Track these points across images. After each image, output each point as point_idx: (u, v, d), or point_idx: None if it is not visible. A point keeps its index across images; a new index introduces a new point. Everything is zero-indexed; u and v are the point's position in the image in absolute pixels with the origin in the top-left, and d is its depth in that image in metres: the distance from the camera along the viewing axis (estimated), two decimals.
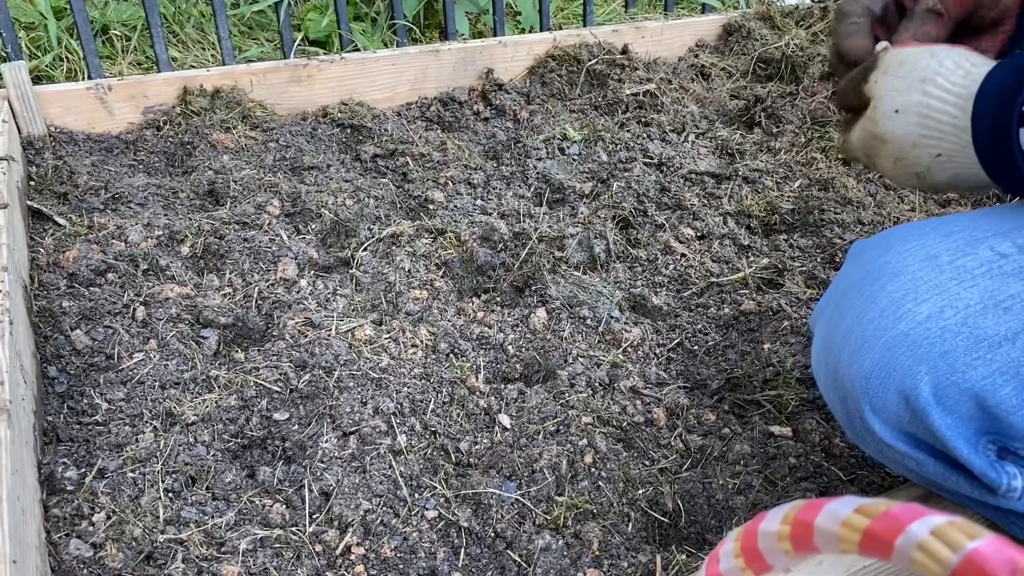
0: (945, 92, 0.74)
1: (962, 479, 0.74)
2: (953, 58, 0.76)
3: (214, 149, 1.56)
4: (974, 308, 0.70)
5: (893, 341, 0.71)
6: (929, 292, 0.72)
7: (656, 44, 2.09)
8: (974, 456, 0.70)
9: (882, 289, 0.74)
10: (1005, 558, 0.34)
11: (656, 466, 1.00)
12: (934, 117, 0.75)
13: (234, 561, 0.84)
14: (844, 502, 0.41)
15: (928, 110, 0.75)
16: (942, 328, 0.70)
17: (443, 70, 1.88)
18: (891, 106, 0.78)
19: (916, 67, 0.77)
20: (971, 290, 0.71)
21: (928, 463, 0.74)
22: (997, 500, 0.73)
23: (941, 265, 0.73)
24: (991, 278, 0.71)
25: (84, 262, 1.18)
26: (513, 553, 0.88)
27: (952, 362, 0.69)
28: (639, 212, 1.46)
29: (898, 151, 0.79)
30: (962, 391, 0.69)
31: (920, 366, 0.69)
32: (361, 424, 0.99)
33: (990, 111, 0.70)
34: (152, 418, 0.98)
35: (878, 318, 0.73)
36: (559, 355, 1.14)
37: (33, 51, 2.05)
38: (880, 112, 0.79)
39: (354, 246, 1.31)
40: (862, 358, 0.73)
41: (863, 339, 0.73)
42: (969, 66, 0.74)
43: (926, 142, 0.77)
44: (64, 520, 0.86)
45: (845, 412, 0.77)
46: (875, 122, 0.80)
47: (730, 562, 0.47)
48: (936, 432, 0.70)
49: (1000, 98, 0.69)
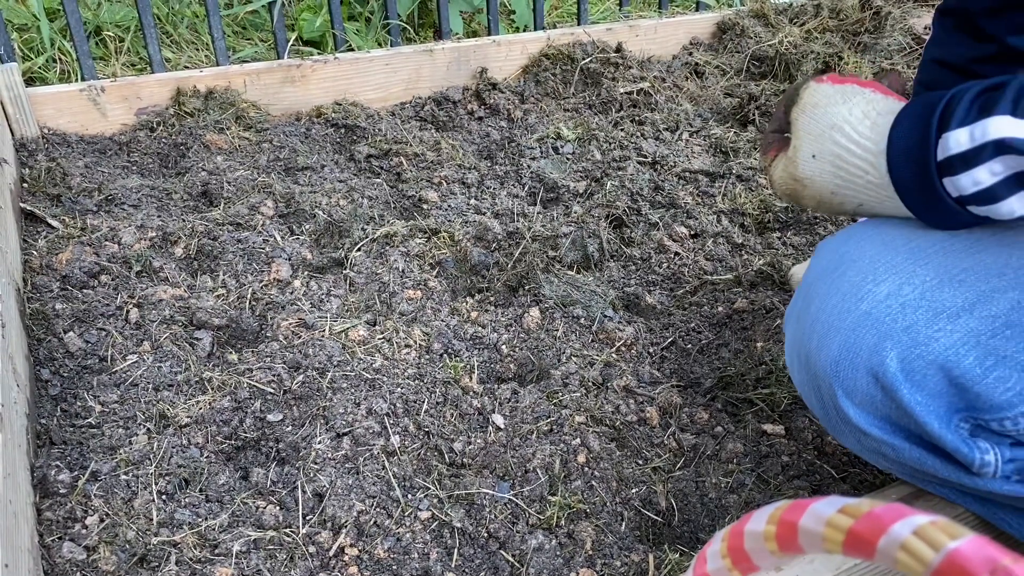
0: (854, 144, 0.77)
1: (938, 461, 0.74)
2: (861, 106, 0.77)
3: (208, 150, 1.56)
4: (930, 283, 0.72)
5: (857, 321, 0.73)
6: (887, 272, 0.74)
7: (650, 42, 2.09)
8: (946, 432, 0.71)
9: (843, 276, 0.76)
10: (985, 557, 0.34)
11: (649, 465, 1.00)
12: (847, 169, 0.78)
13: (227, 563, 0.84)
14: (828, 502, 0.41)
15: (841, 161, 0.78)
16: (902, 304, 0.72)
17: (437, 69, 1.87)
18: (808, 150, 0.80)
19: (828, 112, 0.79)
20: (926, 267, 0.73)
21: (904, 448, 0.75)
22: (973, 480, 0.73)
23: (896, 247, 0.75)
24: (944, 255, 0.74)
25: (77, 264, 1.18)
26: (506, 553, 0.88)
27: (915, 335, 0.71)
28: (633, 211, 1.46)
29: (818, 196, 0.82)
30: (928, 363, 0.70)
31: (885, 342, 0.71)
32: (355, 425, 0.99)
33: (910, 175, 0.72)
34: (145, 420, 0.98)
35: (841, 302, 0.75)
36: (553, 354, 1.14)
37: (26, 53, 2.05)
38: (800, 154, 0.81)
39: (348, 246, 1.31)
40: (829, 342, 0.74)
41: (828, 324, 0.75)
42: (876, 115, 0.76)
43: (845, 192, 0.79)
44: (57, 523, 0.86)
45: (820, 403, 0.78)
46: (795, 164, 0.82)
47: (717, 562, 0.47)
48: (907, 408, 0.71)
49: (914, 159, 0.72)
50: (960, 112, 0.67)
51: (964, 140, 0.67)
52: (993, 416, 0.70)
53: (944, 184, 0.70)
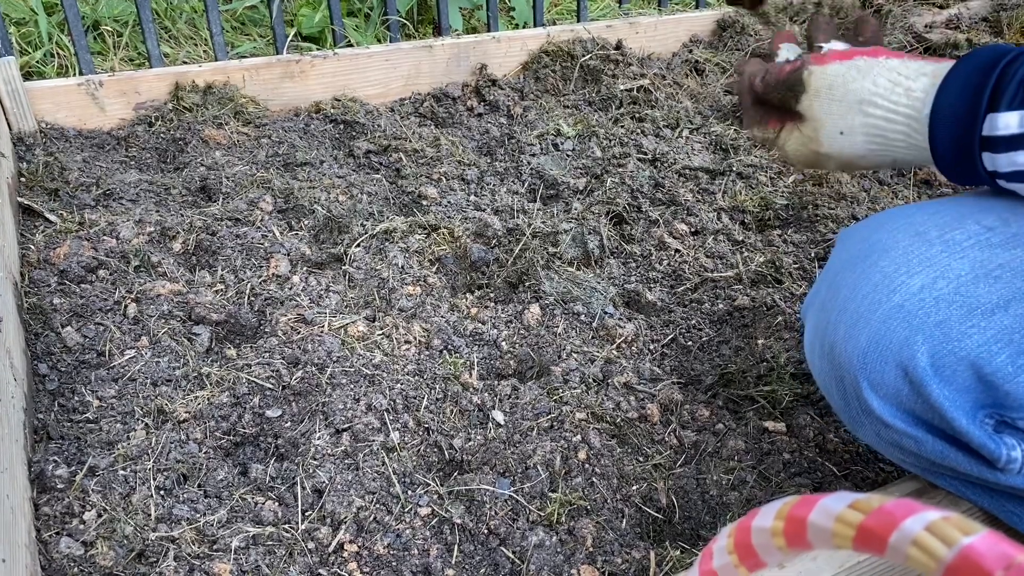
0: (890, 112, 0.76)
1: (961, 455, 0.73)
2: (885, 75, 0.77)
3: (206, 145, 1.55)
4: (966, 278, 0.71)
5: (888, 314, 0.71)
6: (921, 265, 0.73)
7: (650, 39, 2.08)
8: (973, 428, 0.70)
9: (874, 265, 0.75)
10: (1000, 553, 0.34)
11: (650, 462, 0.99)
12: (883, 135, 0.78)
13: (226, 559, 0.83)
14: (838, 498, 0.40)
15: (876, 130, 0.78)
16: (936, 298, 0.71)
17: (436, 66, 1.87)
18: (835, 128, 0.81)
19: (849, 89, 0.79)
20: (961, 261, 0.72)
21: (927, 441, 0.74)
22: (996, 475, 0.73)
23: (931, 239, 0.74)
24: (979, 249, 0.73)
25: (75, 259, 1.17)
26: (507, 550, 0.87)
27: (948, 331, 0.70)
28: (633, 208, 1.45)
29: (847, 163, 0.83)
30: (959, 360, 0.69)
31: (916, 336, 0.70)
32: (354, 421, 0.98)
33: (952, 141, 0.72)
34: (144, 415, 0.98)
35: (872, 292, 0.73)
36: (553, 351, 1.14)
37: (24, 47, 2.04)
38: (824, 134, 0.82)
39: (347, 242, 1.30)
40: (858, 333, 0.73)
41: (858, 314, 0.73)
42: (906, 82, 0.76)
43: (877, 153, 0.80)
44: (54, 518, 0.85)
45: (842, 394, 0.77)
46: (819, 143, 0.83)
47: (723, 558, 0.46)
48: (935, 404, 0.70)
49: (959, 129, 0.71)
50: (1011, 90, 0.67)
51: (1013, 124, 0.66)
52: (1021, 414, 0.70)
53: (982, 157, 0.70)
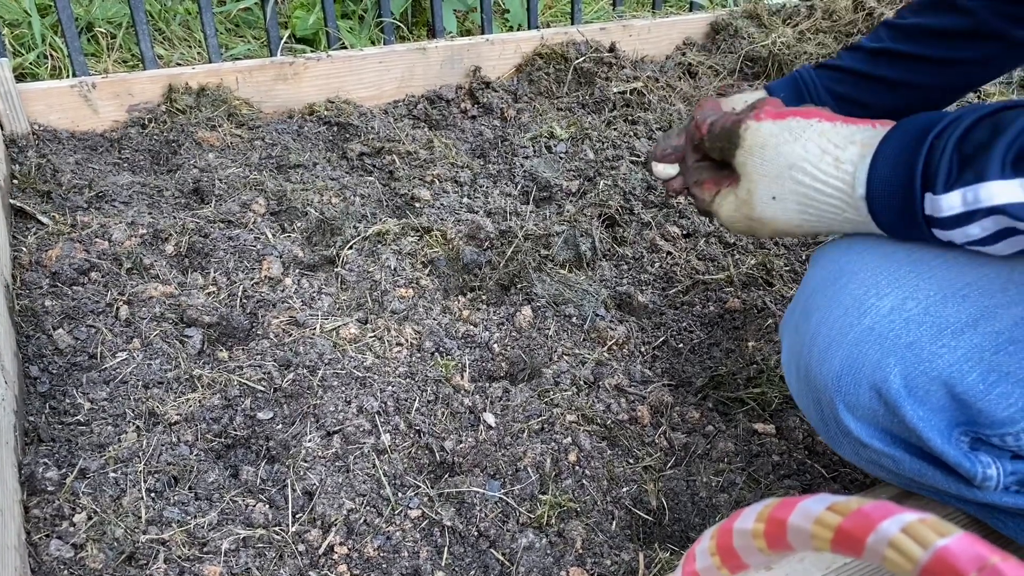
0: (820, 183, 0.74)
1: (939, 474, 0.74)
2: (815, 140, 0.75)
3: (199, 147, 1.55)
4: (934, 298, 0.72)
5: (860, 336, 0.72)
6: (890, 286, 0.73)
7: (643, 42, 2.09)
8: (948, 447, 0.71)
9: (844, 288, 0.75)
10: (974, 555, 0.34)
11: (640, 464, 1.00)
12: (816, 207, 0.76)
13: (216, 561, 0.83)
14: (817, 500, 0.41)
15: (806, 199, 0.76)
16: (906, 319, 0.71)
17: (430, 68, 1.87)
18: (767, 192, 0.78)
19: (780, 152, 0.76)
20: (929, 281, 0.73)
21: (904, 460, 0.74)
22: (974, 493, 0.73)
23: (898, 260, 0.74)
24: (946, 268, 0.73)
25: (67, 261, 1.17)
26: (496, 552, 0.88)
27: (919, 351, 0.70)
28: (625, 210, 1.46)
29: (782, 230, 0.80)
30: (931, 379, 0.70)
31: (888, 358, 0.71)
32: (345, 423, 0.98)
33: (896, 216, 0.71)
34: (135, 418, 0.98)
35: (843, 316, 0.74)
36: (544, 353, 1.14)
37: (17, 48, 2.04)
38: (757, 197, 0.79)
39: (339, 244, 1.30)
40: (831, 356, 0.73)
41: (830, 338, 0.74)
42: (835, 151, 0.73)
43: (812, 223, 0.78)
44: (45, 521, 0.85)
45: (819, 415, 0.78)
46: (751, 206, 0.80)
47: (706, 560, 0.47)
48: (910, 424, 0.71)
49: (898, 206, 0.70)
50: (944, 168, 0.66)
51: (957, 203, 0.65)
52: (995, 432, 0.70)
53: (933, 231, 0.69)
